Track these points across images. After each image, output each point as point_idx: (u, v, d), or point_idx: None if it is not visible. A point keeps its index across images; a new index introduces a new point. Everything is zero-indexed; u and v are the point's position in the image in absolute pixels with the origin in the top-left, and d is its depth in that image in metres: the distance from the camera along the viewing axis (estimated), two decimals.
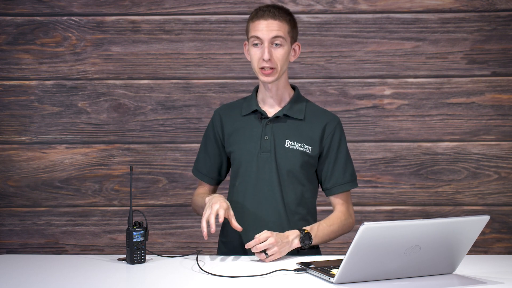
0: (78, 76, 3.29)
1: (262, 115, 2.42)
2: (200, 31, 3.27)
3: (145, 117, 3.30)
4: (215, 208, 2.24)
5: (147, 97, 3.29)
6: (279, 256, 2.23)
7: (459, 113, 3.28)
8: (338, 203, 2.45)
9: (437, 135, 3.28)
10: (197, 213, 2.49)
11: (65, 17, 3.28)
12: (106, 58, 3.29)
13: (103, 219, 3.33)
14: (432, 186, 3.29)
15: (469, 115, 3.27)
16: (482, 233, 2.19)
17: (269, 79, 2.37)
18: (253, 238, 2.26)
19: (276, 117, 2.41)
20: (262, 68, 2.35)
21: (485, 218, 2.01)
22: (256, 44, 2.35)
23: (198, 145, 3.29)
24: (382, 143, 3.29)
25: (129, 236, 2.21)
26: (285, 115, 2.41)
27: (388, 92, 3.28)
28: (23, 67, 3.29)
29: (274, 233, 2.23)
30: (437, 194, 3.29)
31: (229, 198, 2.48)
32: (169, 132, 3.30)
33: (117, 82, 3.30)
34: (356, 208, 3.30)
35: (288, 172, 2.38)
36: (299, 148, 2.39)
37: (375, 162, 3.29)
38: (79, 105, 3.30)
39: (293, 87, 2.48)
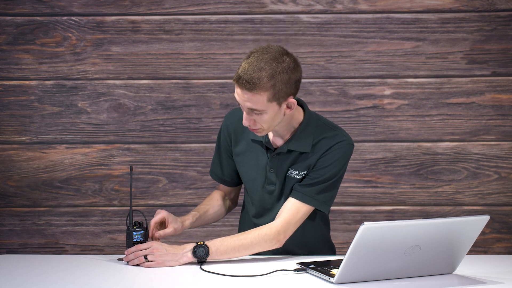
0: (78, 76, 3.29)
1: (267, 147, 2.32)
2: (200, 31, 3.27)
3: (145, 117, 3.30)
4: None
5: (147, 97, 3.29)
6: (162, 266, 2.17)
7: (459, 113, 3.28)
8: (284, 209, 2.27)
9: (437, 135, 3.28)
10: None
11: (65, 17, 3.28)
12: (106, 58, 3.29)
13: (103, 219, 3.33)
14: (432, 186, 3.29)
15: (469, 115, 3.27)
16: (482, 233, 2.19)
17: (259, 135, 2.25)
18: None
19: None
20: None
21: (485, 218, 2.01)
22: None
23: (198, 145, 3.30)
24: (382, 143, 3.29)
25: (129, 236, 2.21)
26: (289, 150, 2.29)
27: (388, 92, 3.28)
28: (23, 67, 3.29)
29: (161, 243, 2.20)
30: (437, 194, 3.29)
31: (244, 212, 2.49)
32: (169, 132, 3.30)
33: (117, 82, 3.30)
34: (356, 208, 3.30)
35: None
36: (295, 176, 2.29)
37: (375, 162, 3.29)
38: (79, 105, 3.30)
39: (302, 105, 2.31)
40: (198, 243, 2.18)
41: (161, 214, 2.30)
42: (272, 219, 2.31)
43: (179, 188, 3.32)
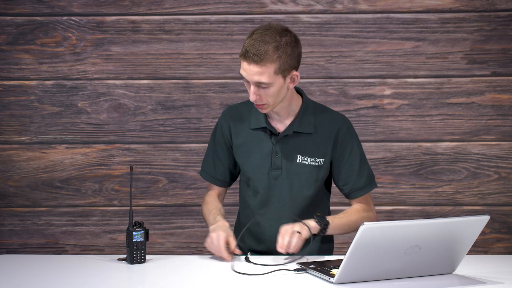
0: (78, 76, 3.29)
1: (271, 132, 2.37)
2: (200, 31, 3.28)
3: (145, 117, 3.30)
4: (220, 243, 2.24)
5: (147, 97, 3.30)
6: (301, 242, 2.22)
7: (459, 113, 3.28)
8: (357, 201, 2.43)
9: (437, 135, 3.28)
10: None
11: (65, 17, 3.28)
12: (106, 58, 3.29)
13: (103, 219, 3.33)
14: (432, 186, 3.29)
15: (469, 115, 3.27)
16: (482, 233, 2.18)
17: (264, 111, 2.32)
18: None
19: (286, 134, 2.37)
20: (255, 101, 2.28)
21: (485, 218, 2.01)
22: (245, 79, 2.26)
23: (198, 145, 3.30)
24: (382, 143, 3.29)
25: (129, 236, 2.21)
26: (295, 132, 2.36)
27: (388, 92, 3.28)
28: (23, 67, 3.30)
29: (290, 231, 2.19)
30: (437, 194, 3.29)
31: (241, 209, 2.49)
32: (169, 132, 3.30)
33: (117, 82, 3.30)
34: None
35: (299, 188, 2.37)
36: (311, 163, 2.36)
37: (375, 162, 3.29)
38: (79, 105, 3.30)
39: (300, 92, 2.41)
40: (318, 215, 2.28)
41: (222, 238, 2.26)
42: (279, 206, 2.35)
43: (179, 188, 3.32)
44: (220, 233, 2.26)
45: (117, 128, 3.30)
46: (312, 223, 2.25)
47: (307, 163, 2.36)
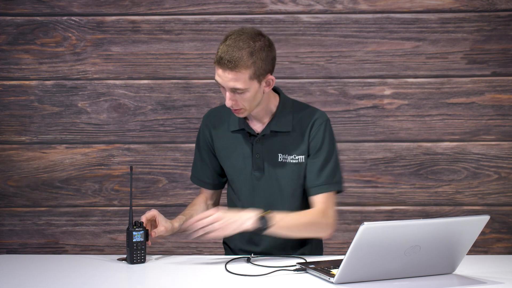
0: (78, 76, 3.29)
1: (250, 133, 2.38)
2: (200, 31, 3.28)
3: (145, 117, 3.30)
4: (143, 217, 2.29)
5: (147, 97, 3.30)
6: (222, 233, 2.18)
7: (459, 113, 3.28)
8: (316, 202, 2.34)
9: (437, 135, 3.28)
10: None
11: (65, 17, 3.28)
12: (106, 58, 3.29)
13: (103, 219, 3.33)
14: (432, 186, 3.29)
15: (469, 115, 3.28)
16: (482, 233, 2.18)
17: (241, 116, 2.32)
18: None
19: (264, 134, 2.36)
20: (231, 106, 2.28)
21: (485, 218, 2.01)
22: (221, 85, 2.26)
23: None
24: (382, 143, 3.29)
25: (129, 236, 2.21)
26: (272, 131, 2.36)
27: (388, 92, 3.28)
28: (23, 67, 3.30)
29: (224, 212, 2.20)
30: (437, 194, 3.29)
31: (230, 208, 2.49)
32: (169, 132, 3.30)
33: (117, 82, 3.30)
34: (356, 208, 3.30)
35: (284, 186, 2.37)
36: (291, 161, 2.36)
37: (375, 162, 3.29)
38: (79, 105, 3.30)
39: (277, 91, 2.40)
40: (262, 214, 2.21)
41: (152, 212, 2.32)
42: (264, 207, 2.32)
43: (179, 188, 3.32)
44: (152, 210, 2.31)
45: (117, 128, 3.30)
46: (248, 222, 2.19)
47: (287, 161, 2.35)
